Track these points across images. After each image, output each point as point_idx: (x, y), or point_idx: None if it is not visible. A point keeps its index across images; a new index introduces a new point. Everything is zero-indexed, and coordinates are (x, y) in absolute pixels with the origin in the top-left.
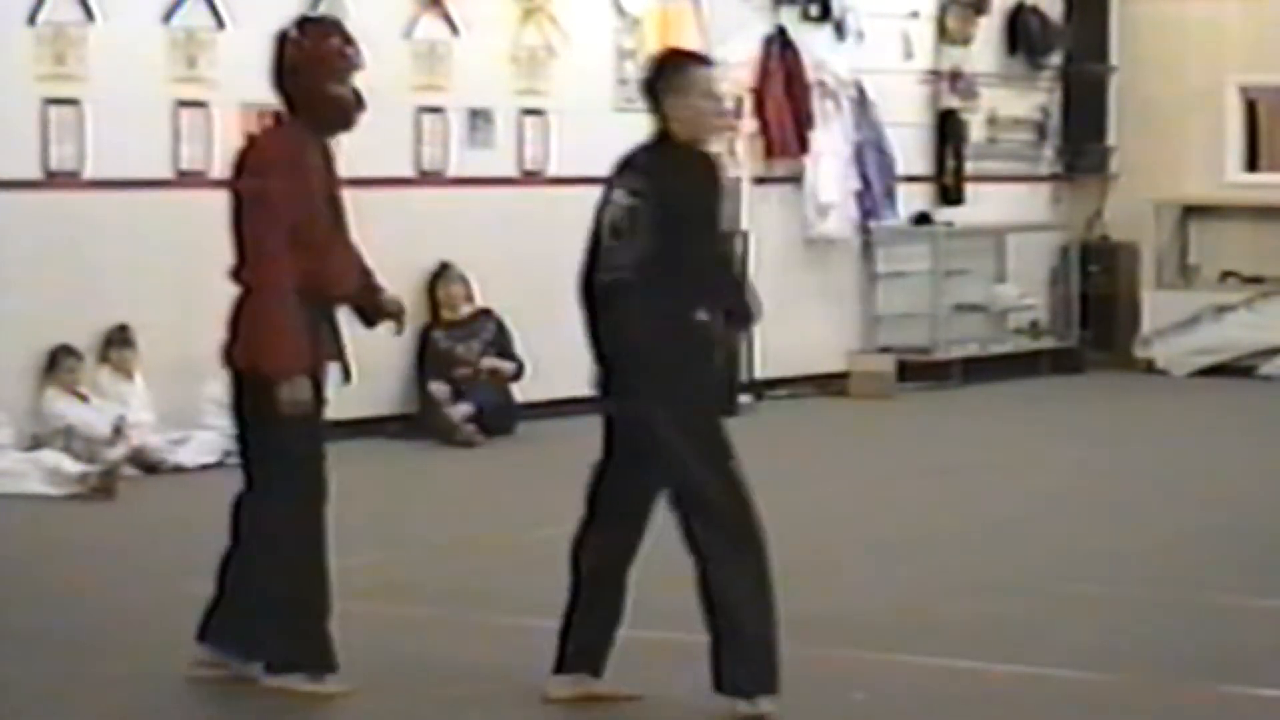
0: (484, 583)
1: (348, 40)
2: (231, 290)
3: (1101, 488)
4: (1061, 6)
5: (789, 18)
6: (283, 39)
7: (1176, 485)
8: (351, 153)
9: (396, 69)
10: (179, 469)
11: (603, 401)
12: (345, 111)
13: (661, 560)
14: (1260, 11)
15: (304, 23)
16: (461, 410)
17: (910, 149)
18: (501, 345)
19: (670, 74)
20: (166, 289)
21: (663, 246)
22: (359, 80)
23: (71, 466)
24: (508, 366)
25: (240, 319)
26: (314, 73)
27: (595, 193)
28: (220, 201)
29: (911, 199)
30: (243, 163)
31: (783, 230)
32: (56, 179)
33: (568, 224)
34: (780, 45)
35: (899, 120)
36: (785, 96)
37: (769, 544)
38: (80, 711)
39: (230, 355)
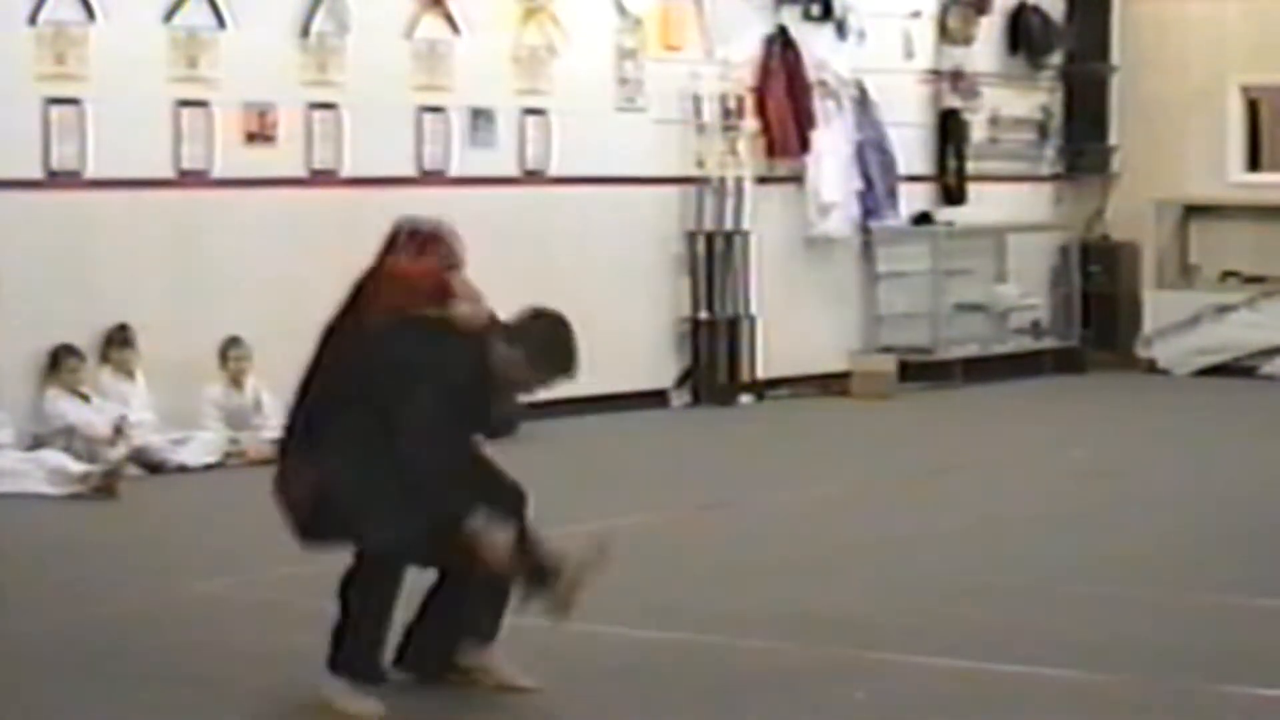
0: None
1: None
2: (232, 287)
3: (1103, 487)
4: (1063, 6)
5: (790, 17)
6: None
7: (1178, 485)
8: (354, 152)
9: (398, 69)
10: (182, 469)
11: None
12: None
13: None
14: (1262, 11)
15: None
16: None
17: (911, 149)
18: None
19: (539, 338)
20: (167, 289)
21: None
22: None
23: (74, 466)
24: None
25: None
26: None
27: (595, 192)
28: (220, 200)
29: (913, 199)
30: None
31: (784, 230)
32: (58, 179)
33: (568, 224)
34: (781, 45)
35: (900, 120)
36: (787, 96)
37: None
38: (84, 712)
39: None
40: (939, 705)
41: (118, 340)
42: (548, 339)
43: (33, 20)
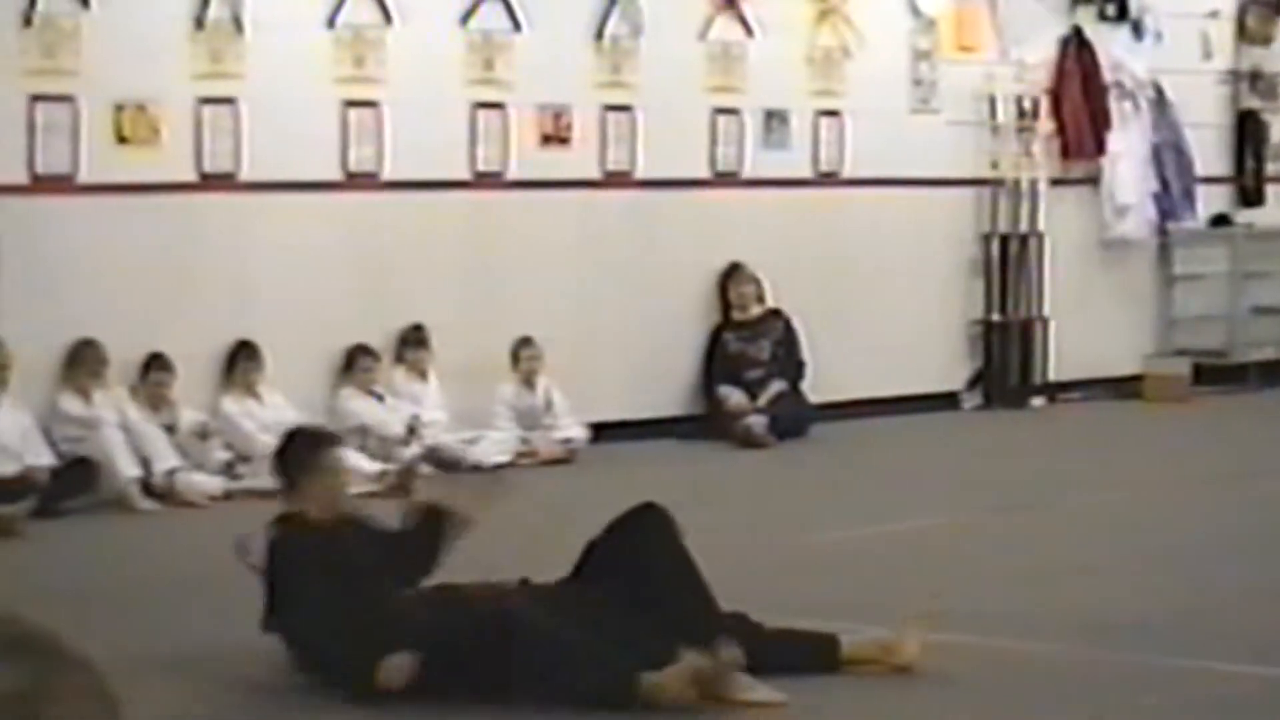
0: (771, 586)
1: None
2: (524, 288)
3: None
4: None
5: (1086, 17)
6: None
7: None
8: (648, 154)
9: (692, 70)
10: (475, 468)
11: None
12: None
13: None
14: None
15: None
16: (753, 411)
17: (1209, 150)
18: (788, 346)
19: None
20: (460, 289)
21: None
22: None
23: (368, 465)
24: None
25: None
26: None
27: (889, 194)
28: (515, 201)
29: (1210, 200)
30: None
31: (1079, 231)
32: (356, 180)
33: (861, 226)
34: (1077, 45)
35: (1198, 121)
36: (1082, 97)
37: None
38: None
39: None
40: (1231, 712)
41: (412, 340)
42: (293, 460)
43: (331, 23)
